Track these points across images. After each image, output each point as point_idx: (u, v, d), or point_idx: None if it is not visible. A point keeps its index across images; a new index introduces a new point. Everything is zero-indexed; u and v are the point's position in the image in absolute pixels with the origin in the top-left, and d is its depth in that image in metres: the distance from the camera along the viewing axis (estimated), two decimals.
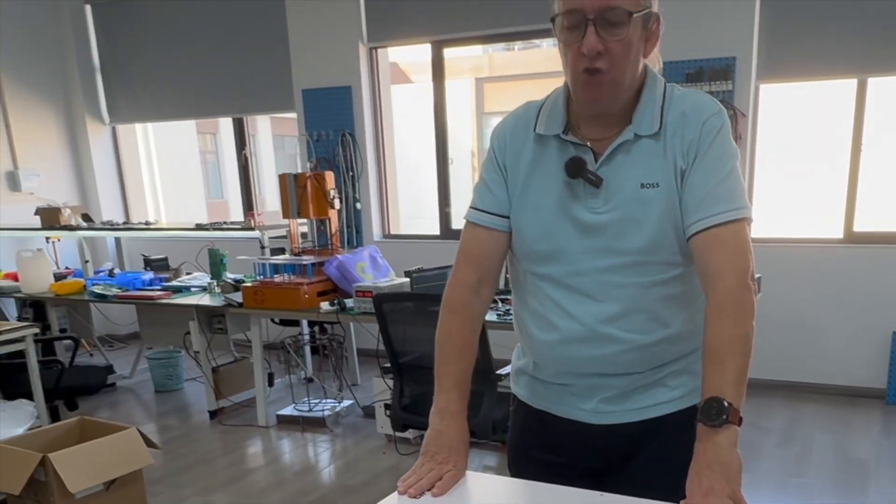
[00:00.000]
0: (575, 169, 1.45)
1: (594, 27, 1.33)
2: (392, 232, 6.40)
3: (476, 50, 11.39)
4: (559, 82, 1.54)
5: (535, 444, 1.67)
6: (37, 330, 3.97)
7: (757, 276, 4.37)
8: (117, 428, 3.45)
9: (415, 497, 1.41)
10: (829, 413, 4.78)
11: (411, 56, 6.19)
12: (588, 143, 1.47)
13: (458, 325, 1.59)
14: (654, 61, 1.51)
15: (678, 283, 1.49)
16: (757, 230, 5.23)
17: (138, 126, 7.65)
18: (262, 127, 12.11)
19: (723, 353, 1.34)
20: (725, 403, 1.29)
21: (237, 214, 8.42)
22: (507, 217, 1.56)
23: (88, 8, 7.05)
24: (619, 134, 1.45)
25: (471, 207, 1.60)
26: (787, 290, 5.03)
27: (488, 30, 5.69)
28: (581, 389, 1.56)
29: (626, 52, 1.37)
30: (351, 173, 6.13)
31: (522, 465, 1.70)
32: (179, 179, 10.51)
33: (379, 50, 6.21)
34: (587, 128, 1.48)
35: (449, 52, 6.13)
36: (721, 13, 4.95)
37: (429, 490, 1.43)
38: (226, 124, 6.98)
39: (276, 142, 12.43)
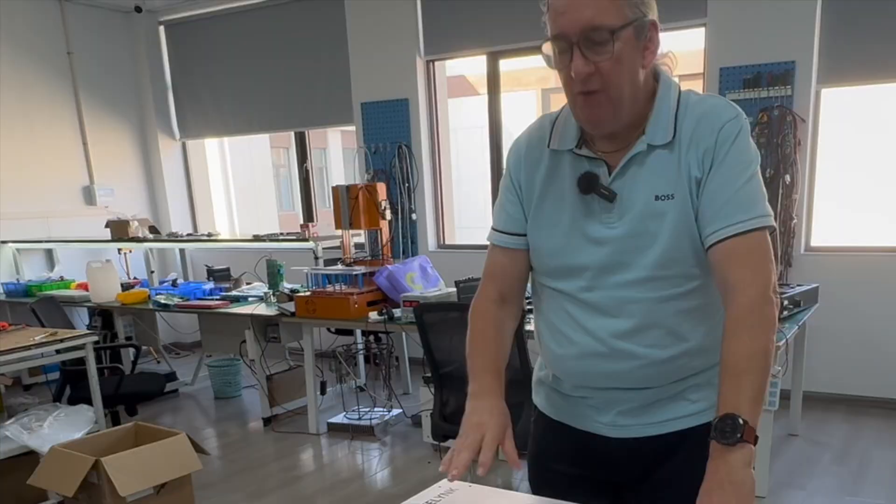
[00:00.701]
0: (587, 185, 1.44)
1: (580, 50, 1.32)
2: (447, 242, 6.43)
3: (542, 60, 11.30)
4: None
5: (555, 456, 1.65)
6: (96, 338, 4.13)
7: (815, 285, 4.24)
8: (168, 434, 3.58)
9: (457, 477, 1.39)
10: (891, 429, 4.58)
11: (481, 68, 6.22)
12: (602, 157, 1.45)
13: (482, 325, 1.59)
14: (671, 63, 1.48)
15: (696, 295, 1.45)
16: (817, 238, 5.07)
17: (216, 141, 7.94)
18: (333, 140, 12.36)
19: (740, 368, 1.31)
20: (741, 421, 1.25)
21: None
22: (524, 235, 1.56)
23: (162, 28, 7.35)
24: (631, 146, 1.42)
25: (491, 228, 1.61)
26: (848, 300, 4.84)
27: (542, 40, 5.68)
28: (599, 402, 1.54)
29: (619, 69, 1.34)
30: (407, 184, 6.20)
31: (542, 478, 1.69)
32: (253, 192, 10.84)
33: (436, 63, 6.28)
34: (601, 141, 1.46)
35: (515, 63, 6.14)
36: (780, 17, 4.82)
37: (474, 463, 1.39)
38: (302, 139, 7.18)
39: (347, 154, 12.70)
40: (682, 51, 6.35)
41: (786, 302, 3.87)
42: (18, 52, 6.37)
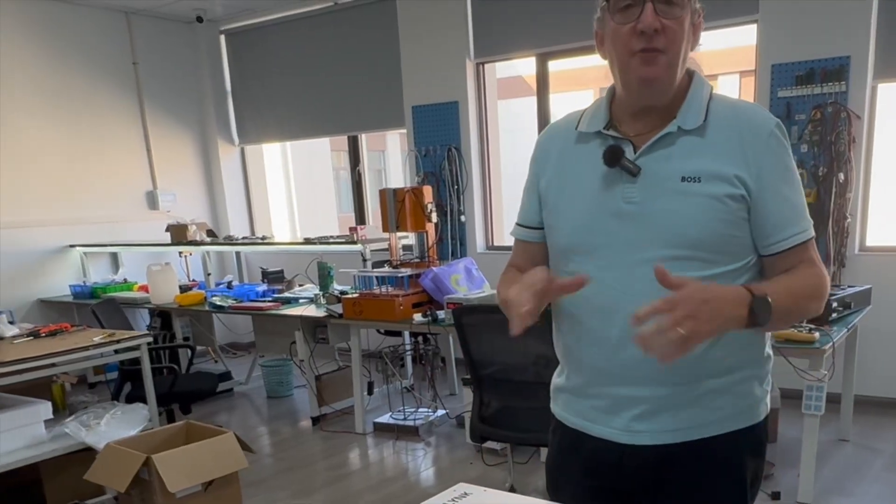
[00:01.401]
0: (613, 157, 1.45)
1: (651, 4, 1.35)
2: (495, 243, 6.45)
3: (595, 60, 11.24)
4: None
5: (570, 465, 1.65)
6: (151, 339, 4.29)
7: (867, 286, 4.12)
8: (217, 432, 3.68)
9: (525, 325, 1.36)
10: None
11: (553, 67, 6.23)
12: (629, 139, 1.47)
13: (504, 277, 1.65)
14: (697, 67, 1.51)
15: (719, 282, 1.41)
16: (872, 238, 4.92)
17: (277, 145, 8.12)
18: (392, 142, 12.48)
19: (790, 283, 1.41)
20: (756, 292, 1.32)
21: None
22: (541, 228, 1.60)
23: (223, 37, 7.57)
24: (660, 129, 1.44)
25: (515, 223, 1.67)
26: None
27: (591, 40, 5.65)
28: (611, 404, 1.51)
29: (681, 34, 1.38)
30: (456, 186, 6.25)
31: (559, 487, 1.70)
32: (314, 194, 11.05)
33: (485, 65, 6.30)
34: (630, 124, 1.48)
35: (574, 62, 6.13)
36: (834, 11, 4.69)
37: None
38: (355, 142, 7.32)
39: (405, 156, 12.79)
40: (734, 47, 6.21)
41: (834, 304, 3.77)
42: (87, 64, 6.66)
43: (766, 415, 1.58)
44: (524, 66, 8.38)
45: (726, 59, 9.87)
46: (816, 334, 3.50)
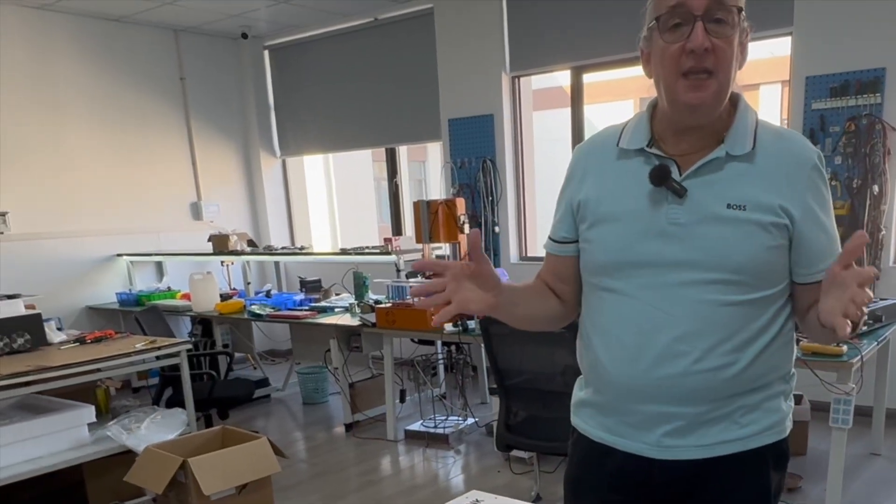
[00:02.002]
0: (660, 177, 1.44)
1: (702, 23, 1.34)
2: (529, 254, 6.50)
3: (635, 71, 11.22)
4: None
5: (593, 479, 1.64)
6: (190, 346, 4.44)
7: None
8: (251, 437, 3.80)
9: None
10: None
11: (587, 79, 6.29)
12: (673, 158, 1.47)
13: (532, 283, 1.70)
14: (737, 89, 1.50)
15: (756, 307, 1.46)
16: None
17: (320, 156, 8.30)
18: (433, 152, 12.60)
19: None
20: None
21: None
22: (573, 242, 1.60)
23: (266, 53, 7.77)
24: (707, 151, 1.44)
25: (548, 237, 1.68)
26: None
27: (625, 53, 5.68)
28: (643, 420, 1.51)
29: (730, 54, 1.37)
30: (490, 198, 6.32)
31: (579, 500, 1.69)
32: (356, 204, 11.21)
33: (521, 78, 6.38)
34: (673, 143, 1.48)
35: (615, 74, 6.16)
36: (870, 23, 4.66)
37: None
38: (392, 154, 7.46)
39: (443, 168, 12.91)
40: (777, 56, 6.12)
41: (865, 317, 3.74)
42: (137, 79, 6.90)
43: (790, 429, 1.59)
44: (563, 77, 8.44)
45: (769, 68, 9.78)
46: (844, 347, 3.47)
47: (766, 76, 9.90)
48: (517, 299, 1.61)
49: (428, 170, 12.60)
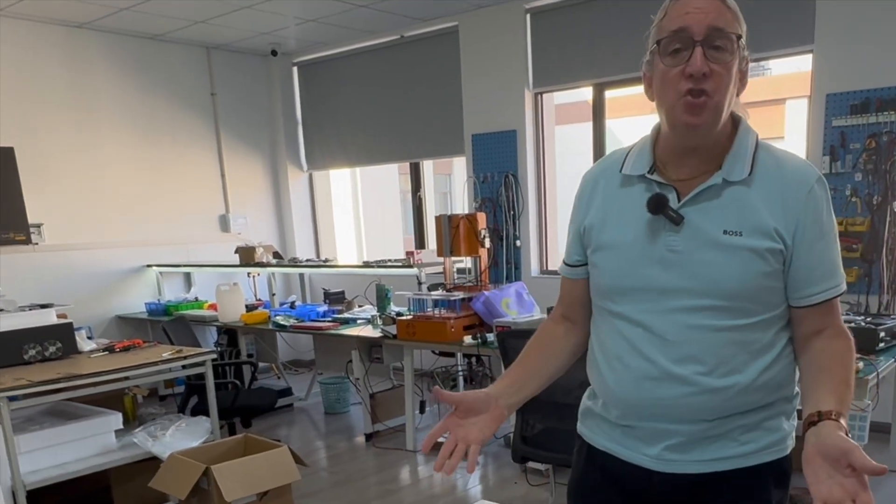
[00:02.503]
0: (657, 205, 1.49)
1: (701, 48, 1.39)
2: (549, 268, 6.55)
3: None
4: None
5: (595, 488, 1.70)
6: (214, 355, 4.55)
7: None
8: (272, 445, 3.89)
9: (449, 473, 1.58)
10: None
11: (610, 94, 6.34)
12: (673, 184, 1.51)
13: (534, 337, 1.77)
14: (744, 113, 1.55)
15: (754, 330, 1.49)
16: None
17: (347, 169, 8.44)
18: (458, 166, 12.70)
19: (842, 385, 1.44)
20: (843, 423, 1.35)
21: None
22: (583, 265, 1.66)
23: (295, 69, 7.93)
24: (707, 177, 1.48)
25: (562, 262, 1.75)
26: None
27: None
28: (646, 434, 1.56)
29: (728, 79, 1.41)
30: (512, 212, 6.39)
31: None
32: (383, 216, 11.34)
33: (544, 94, 6.45)
34: (674, 168, 1.52)
35: (639, 88, 6.19)
36: (890, 41, 4.68)
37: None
38: (416, 169, 7.57)
39: (466, 183, 13.00)
40: (805, 71, 6.10)
41: (882, 333, 3.74)
42: (170, 94, 7.08)
43: (792, 448, 1.60)
44: (586, 91, 8.51)
45: (795, 83, 9.76)
46: (860, 364, 3.48)
47: (792, 91, 9.87)
48: (523, 378, 1.70)
49: (453, 183, 12.70)
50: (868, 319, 3.90)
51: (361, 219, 9.66)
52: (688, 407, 1.50)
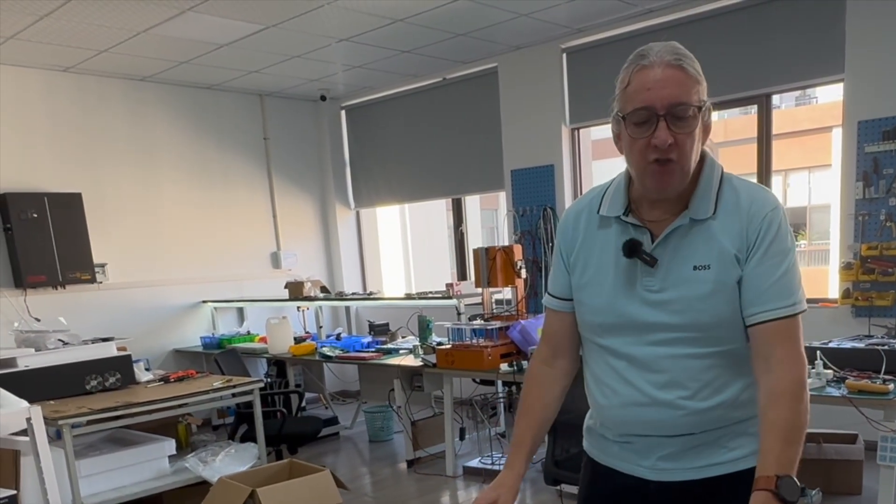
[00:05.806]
0: (631, 250, 1.60)
1: (665, 122, 1.48)
2: None
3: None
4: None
5: (600, 498, 1.83)
6: (262, 384, 4.78)
7: None
8: (315, 470, 4.07)
9: None
10: None
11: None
12: (646, 225, 1.62)
13: (529, 388, 1.87)
14: (709, 147, 1.65)
15: (733, 353, 1.61)
16: None
17: (396, 207, 8.73)
18: (504, 201, 12.87)
19: (788, 437, 1.51)
20: (798, 484, 1.47)
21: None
22: (571, 299, 1.76)
23: (343, 112, 8.27)
24: (675, 217, 1.59)
25: (546, 292, 1.85)
26: None
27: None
28: (641, 447, 1.69)
29: (692, 143, 1.51)
30: (550, 244, 6.53)
31: None
32: (431, 250, 11.56)
33: (580, 130, 6.61)
34: (647, 210, 1.63)
35: None
36: None
37: None
38: (467, 202, 7.80)
39: (506, 217, 13.16)
40: (835, 101, 6.12)
41: None
42: (224, 140, 7.45)
43: None
44: None
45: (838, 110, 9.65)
46: (891, 385, 3.49)
47: (838, 119, 9.79)
48: (536, 441, 1.85)
49: (499, 217, 12.88)
50: None
51: (410, 253, 9.89)
52: (675, 425, 1.64)
